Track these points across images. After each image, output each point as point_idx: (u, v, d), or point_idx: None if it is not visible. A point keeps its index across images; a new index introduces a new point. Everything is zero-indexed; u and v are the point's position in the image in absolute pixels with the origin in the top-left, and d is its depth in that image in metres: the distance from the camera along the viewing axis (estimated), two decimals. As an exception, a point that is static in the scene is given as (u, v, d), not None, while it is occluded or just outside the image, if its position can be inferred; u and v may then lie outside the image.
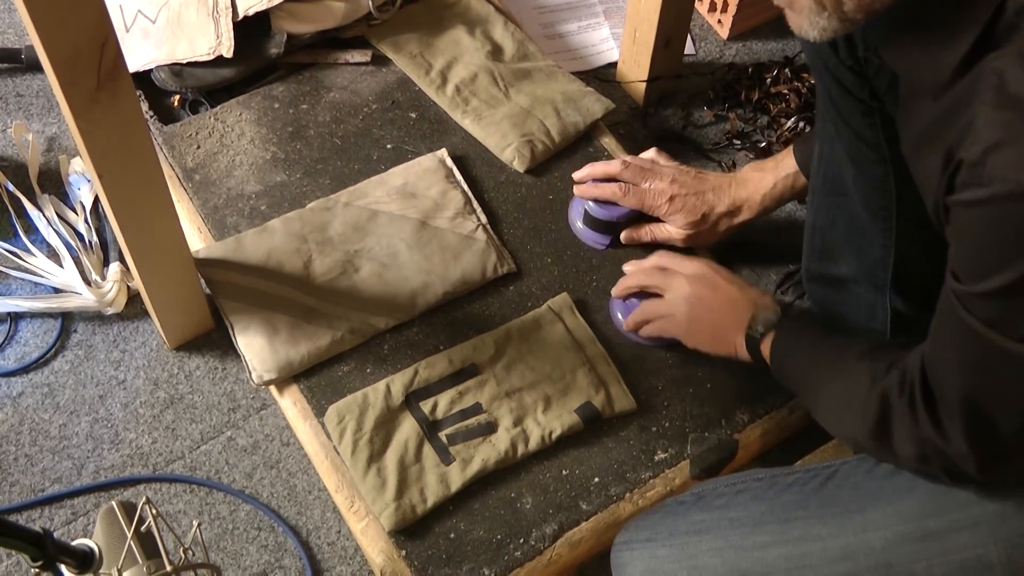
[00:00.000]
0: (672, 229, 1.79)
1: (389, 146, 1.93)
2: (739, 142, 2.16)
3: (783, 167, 1.74)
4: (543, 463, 1.61)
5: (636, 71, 2.17)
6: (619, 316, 1.74)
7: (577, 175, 1.85)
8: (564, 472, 1.60)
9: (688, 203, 1.76)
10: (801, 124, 2.11)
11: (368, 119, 1.97)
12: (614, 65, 2.27)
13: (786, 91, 2.19)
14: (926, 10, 1.04)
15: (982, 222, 0.99)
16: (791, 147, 1.74)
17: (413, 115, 1.98)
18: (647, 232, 1.81)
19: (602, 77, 2.25)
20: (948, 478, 1.22)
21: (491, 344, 1.68)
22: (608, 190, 1.78)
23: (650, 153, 1.84)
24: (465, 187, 1.86)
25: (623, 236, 1.82)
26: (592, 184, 1.80)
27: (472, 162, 1.92)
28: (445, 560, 1.52)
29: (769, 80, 2.22)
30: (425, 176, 1.86)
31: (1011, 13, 0.96)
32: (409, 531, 1.53)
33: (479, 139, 1.95)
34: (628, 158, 1.83)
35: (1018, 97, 0.93)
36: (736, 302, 1.55)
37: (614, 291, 1.74)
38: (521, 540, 1.54)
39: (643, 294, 1.71)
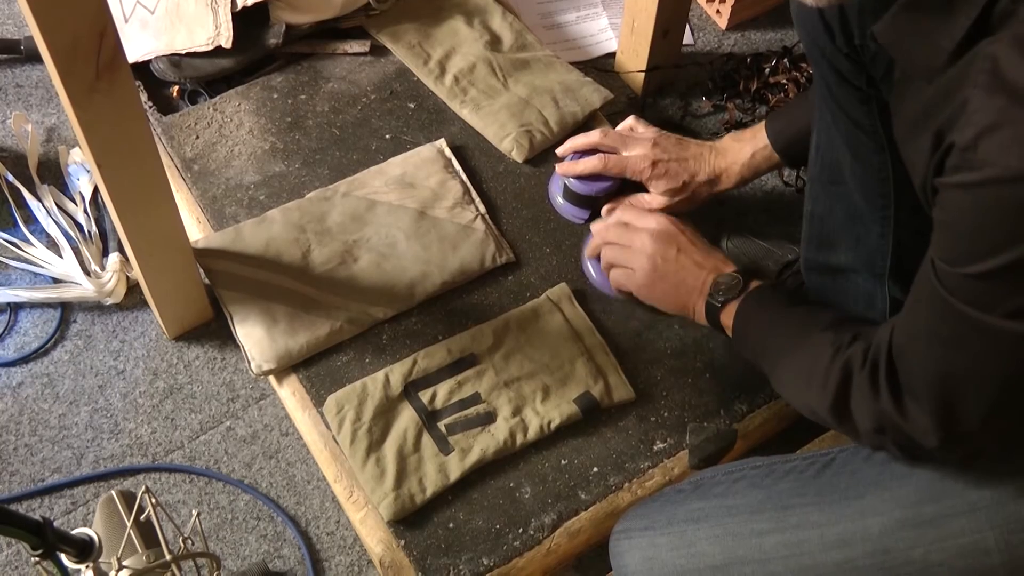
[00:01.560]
0: (653, 197, 1.78)
1: (388, 136, 1.93)
2: (736, 132, 2.16)
3: (761, 138, 1.75)
4: (542, 453, 1.61)
5: (635, 61, 2.17)
6: (592, 274, 1.76)
7: (559, 150, 1.85)
8: (563, 462, 1.60)
9: (671, 168, 1.76)
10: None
11: (367, 109, 1.97)
12: (612, 55, 2.27)
13: (784, 81, 2.19)
14: None
15: (973, 205, 0.98)
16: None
17: (411, 105, 1.98)
18: (627, 204, 1.80)
19: (600, 67, 2.24)
20: (901, 452, 1.23)
21: (490, 334, 1.68)
22: (590, 164, 1.78)
23: (629, 121, 1.85)
24: (464, 177, 1.87)
25: (604, 209, 1.81)
26: (573, 160, 1.80)
27: (471, 152, 1.92)
28: (444, 550, 1.52)
29: (768, 70, 2.22)
30: (424, 166, 1.86)
31: (1006, 1, 0.96)
32: (408, 521, 1.54)
33: (477, 129, 1.95)
34: (607, 128, 1.84)
35: (1012, 82, 0.93)
36: (699, 265, 1.54)
37: (586, 250, 1.75)
38: (520, 530, 1.55)
39: None
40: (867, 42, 1.30)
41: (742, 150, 1.76)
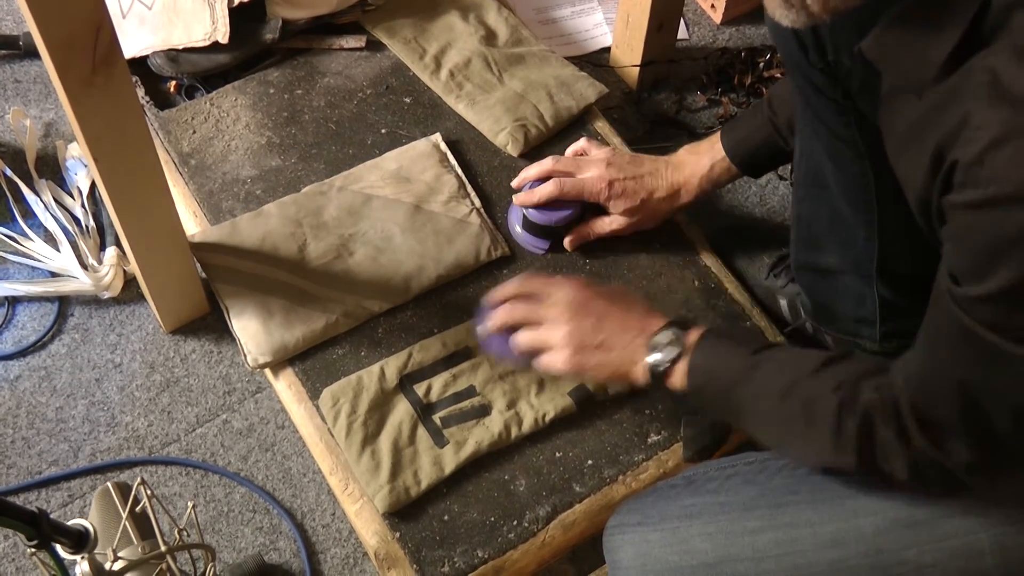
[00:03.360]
0: (613, 219, 1.76)
1: (383, 131, 1.94)
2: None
3: (719, 150, 1.73)
4: (536, 445, 1.62)
5: (629, 56, 2.18)
6: (496, 350, 1.57)
7: (514, 182, 1.82)
8: (557, 454, 1.61)
9: (628, 187, 1.73)
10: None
11: (362, 104, 1.97)
12: (607, 50, 2.28)
13: (779, 75, 2.19)
14: (909, 8, 1.03)
15: (982, 224, 0.95)
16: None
17: (407, 100, 1.99)
18: (589, 231, 1.78)
19: (595, 62, 2.25)
20: (943, 489, 1.20)
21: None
22: (546, 190, 1.74)
23: (581, 143, 1.83)
24: (459, 171, 1.87)
25: (568, 243, 1.78)
26: (528, 191, 1.76)
27: (466, 146, 1.93)
28: (439, 542, 1.53)
29: (762, 64, 2.23)
30: (419, 160, 1.86)
31: (997, 9, 0.94)
32: (403, 513, 1.54)
33: (473, 124, 1.95)
34: (555, 156, 1.80)
35: (1014, 92, 0.91)
36: (624, 329, 1.43)
37: (488, 328, 1.55)
38: (515, 522, 1.55)
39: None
40: (841, 58, 1.29)
41: (700, 162, 1.74)
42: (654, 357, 1.39)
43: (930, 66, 1.00)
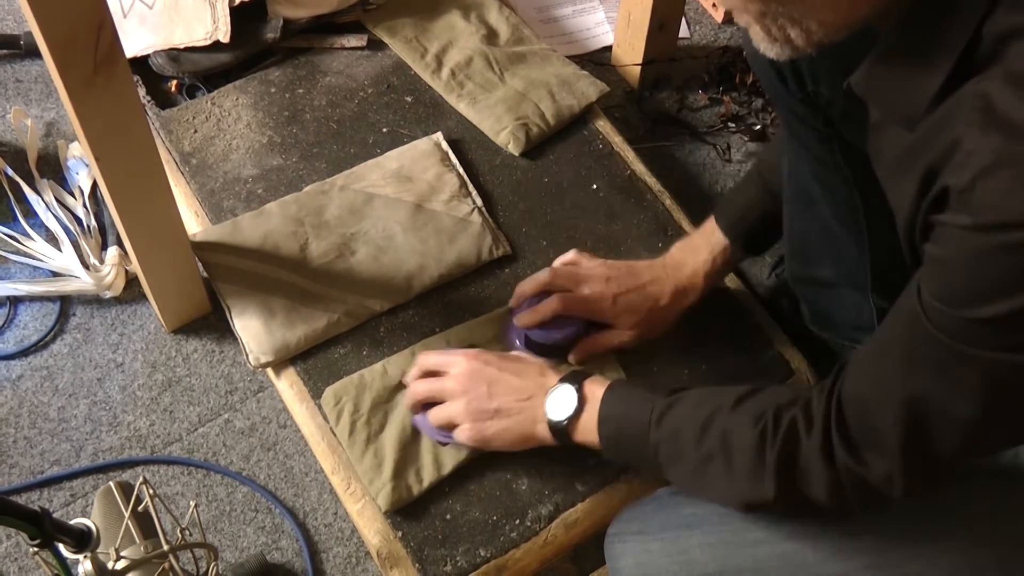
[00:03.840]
0: (620, 333, 1.64)
1: (385, 130, 1.94)
2: (734, 125, 2.17)
3: (716, 239, 1.65)
4: (538, 444, 1.62)
5: (631, 54, 2.18)
6: (426, 431, 1.57)
7: (512, 301, 1.67)
8: (560, 453, 1.61)
9: (632, 301, 1.62)
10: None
11: (364, 103, 1.97)
12: (609, 48, 2.28)
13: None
14: (896, 43, 1.02)
15: (975, 248, 0.93)
16: (713, 217, 1.67)
17: (409, 99, 1.99)
18: (595, 346, 1.65)
19: (597, 60, 2.25)
20: (862, 508, 1.18)
21: (487, 326, 1.69)
22: (549, 307, 1.60)
23: (570, 255, 1.70)
24: (460, 170, 1.87)
25: (574, 358, 1.64)
26: (530, 310, 1.62)
27: (467, 145, 1.93)
28: (441, 541, 1.53)
29: (764, 63, 2.22)
30: (420, 160, 1.86)
31: (989, 41, 0.93)
32: (405, 512, 1.54)
33: (474, 123, 1.95)
34: (551, 268, 1.67)
35: (1007, 119, 0.89)
36: (517, 391, 1.42)
37: (408, 405, 1.56)
38: (517, 521, 1.55)
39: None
40: (820, 88, 1.28)
41: (699, 258, 1.66)
42: (553, 414, 1.38)
43: (921, 100, 0.99)
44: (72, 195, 1.97)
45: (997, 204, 0.89)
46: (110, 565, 1.21)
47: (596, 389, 1.37)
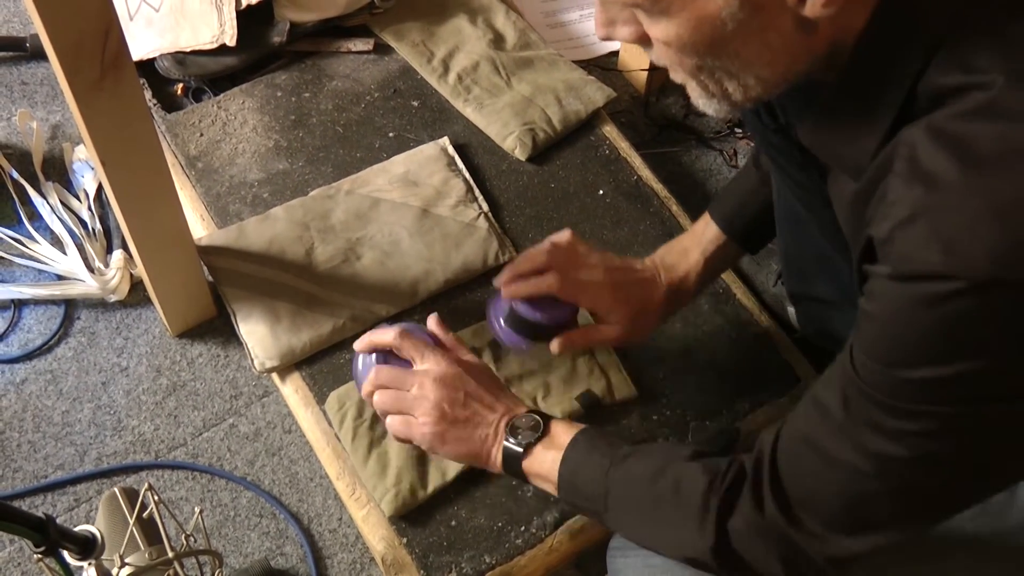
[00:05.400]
0: (611, 328, 1.54)
1: (391, 134, 1.93)
2: (740, 131, 2.16)
3: (706, 238, 1.60)
4: (544, 451, 1.61)
5: (638, 59, 2.18)
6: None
7: (502, 275, 1.52)
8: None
9: (628, 294, 1.54)
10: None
11: (370, 107, 1.97)
12: (616, 53, 2.27)
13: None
14: (836, 98, 1.02)
15: (895, 302, 0.92)
16: (707, 215, 1.61)
17: (415, 103, 1.98)
18: (581, 339, 1.55)
19: (604, 66, 2.25)
20: (785, 570, 1.13)
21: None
22: (544, 283, 1.48)
23: (566, 234, 1.54)
24: (467, 175, 1.87)
25: (556, 345, 1.51)
26: (523, 281, 1.49)
27: (474, 150, 1.92)
28: (446, 547, 1.52)
29: (771, 69, 2.22)
30: (427, 164, 1.86)
31: (924, 100, 0.93)
32: (410, 518, 1.54)
33: (481, 127, 1.95)
34: (551, 241, 1.53)
35: (927, 171, 0.89)
36: (490, 408, 1.37)
37: (364, 392, 1.43)
38: (522, 528, 1.55)
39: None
40: (791, 119, 1.28)
41: (690, 258, 1.60)
42: (512, 438, 1.34)
43: (864, 154, 0.99)
44: (77, 198, 1.96)
45: (912, 255, 0.89)
46: (114, 572, 1.20)
47: (561, 429, 1.33)
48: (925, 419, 0.95)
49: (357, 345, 1.42)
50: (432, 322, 1.44)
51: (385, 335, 1.39)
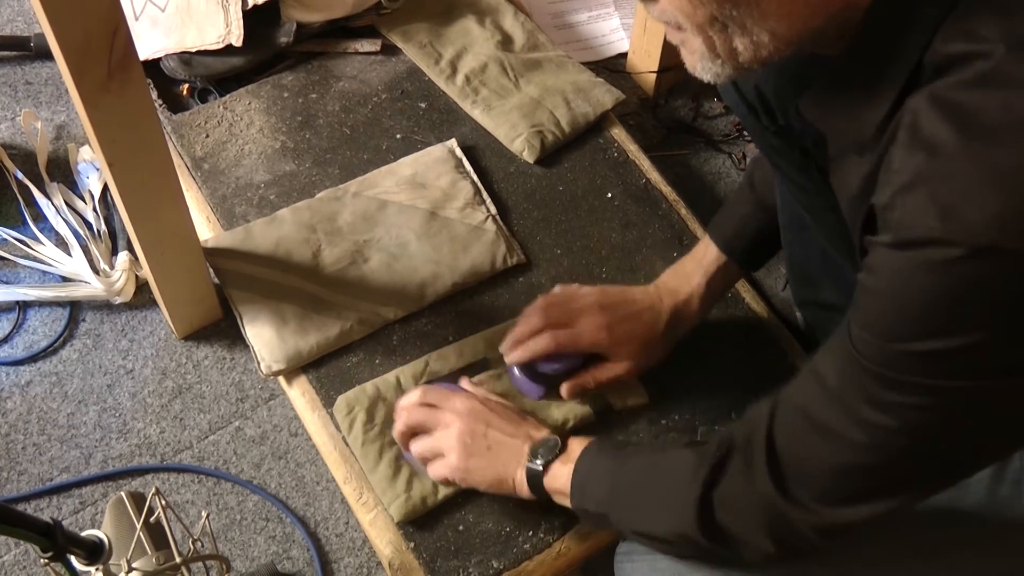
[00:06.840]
0: (616, 366, 1.60)
1: (398, 136, 1.93)
2: (749, 134, 2.15)
3: (707, 261, 1.61)
4: (553, 455, 1.60)
5: (646, 62, 2.17)
6: (408, 459, 1.56)
7: (505, 346, 1.61)
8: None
9: (628, 330, 1.58)
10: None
11: (377, 109, 1.96)
12: (624, 55, 2.27)
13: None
14: (840, 67, 1.01)
15: (896, 272, 0.91)
16: (707, 238, 1.63)
17: (423, 105, 1.97)
18: (590, 379, 1.60)
19: (612, 67, 2.24)
20: (777, 548, 1.14)
21: (501, 336, 1.67)
22: (539, 345, 1.56)
23: (555, 291, 1.64)
24: (475, 177, 1.86)
25: (565, 390, 1.60)
26: (523, 347, 1.58)
27: (482, 152, 1.92)
28: (454, 552, 1.52)
29: (780, 71, 2.21)
30: (434, 166, 1.85)
31: (929, 70, 0.92)
32: (418, 523, 1.53)
33: (489, 129, 1.94)
34: (543, 298, 1.61)
35: (928, 139, 0.88)
36: (511, 435, 1.43)
37: (395, 434, 1.54)
38: (530, 532, 1.54)
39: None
40: (791, 120, 1.27)
41: (691, 281, 1.62)
42: (532, 460, 1.40)
43: (868, 126, 0.98)
44: (82, 199, 1.96)
45: (912, 222, 0.88)
46: (121, 577, 1.20)
47: (576, 444, 1.39)
48: (921, 392, 0.95)
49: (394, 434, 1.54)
50: (464, 382, 1.59)
51: (411, 396, 1.52)
